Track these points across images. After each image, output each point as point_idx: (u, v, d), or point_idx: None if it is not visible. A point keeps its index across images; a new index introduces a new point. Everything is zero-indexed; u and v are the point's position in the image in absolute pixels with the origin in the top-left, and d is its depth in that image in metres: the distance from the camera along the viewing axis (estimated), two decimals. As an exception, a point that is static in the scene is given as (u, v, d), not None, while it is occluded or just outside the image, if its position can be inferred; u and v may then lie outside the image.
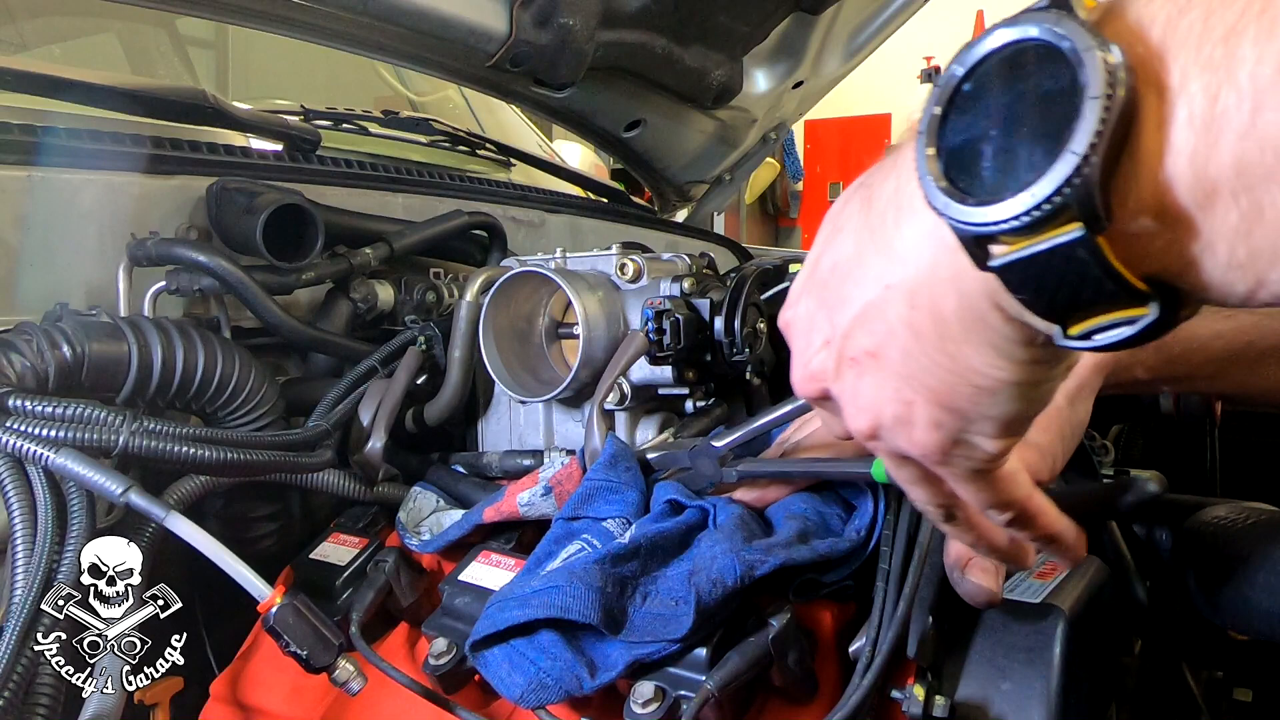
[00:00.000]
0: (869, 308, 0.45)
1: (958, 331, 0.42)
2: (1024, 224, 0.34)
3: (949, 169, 0.37)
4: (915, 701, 0.68)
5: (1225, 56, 0.31)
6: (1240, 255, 0.33)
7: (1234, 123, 0.31)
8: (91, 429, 0.78)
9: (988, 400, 0.44)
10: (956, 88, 0.38)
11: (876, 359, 0.46)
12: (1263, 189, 0.31)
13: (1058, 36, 0.34)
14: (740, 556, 0.71)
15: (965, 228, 0.36)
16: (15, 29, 1.58)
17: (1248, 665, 0.92)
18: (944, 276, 0.41)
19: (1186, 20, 0.32)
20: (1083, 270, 0.35)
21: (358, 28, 1.27)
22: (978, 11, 4.98)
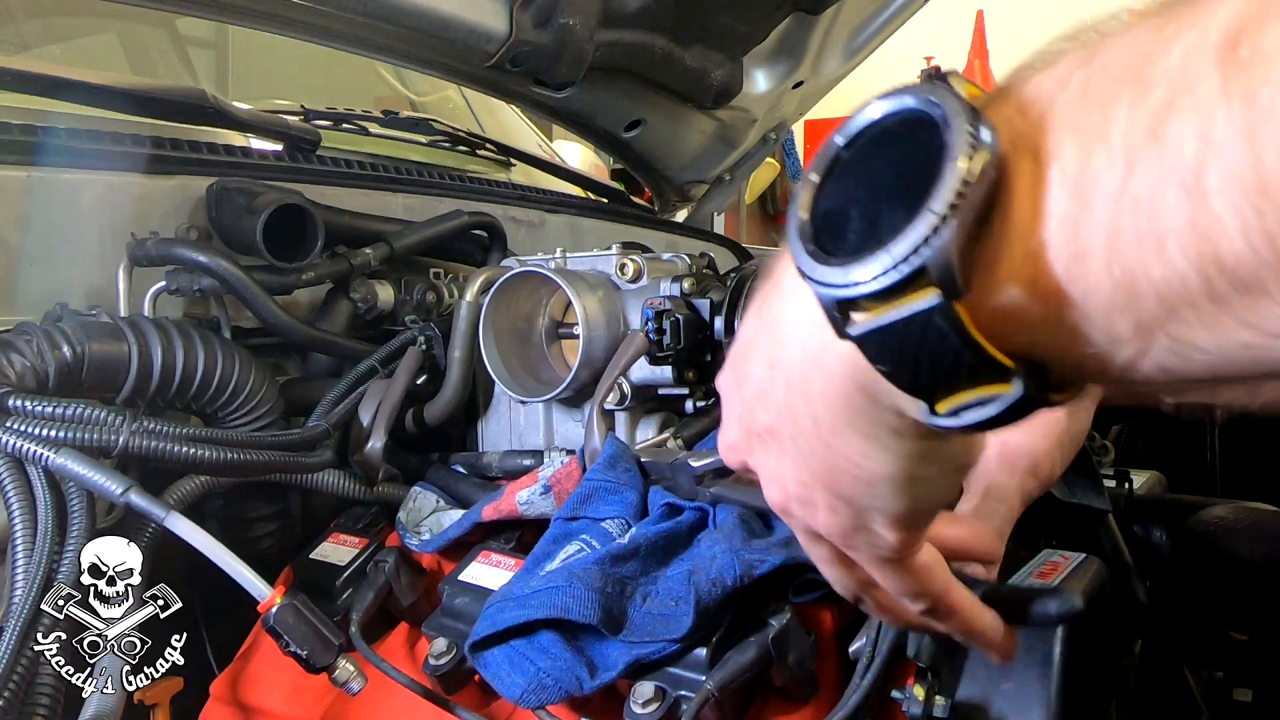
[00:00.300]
0: (762, 386, 0.45)
1: (826, 417, 0.41)
2: (882, 287, 0.33)
3: (819, 233, 0.36)
4: (915, 701, 0.68)
5: (1099, 121, 0.30)
6: (1120, 325, 0.31)
7: (1106, 184, 0.30)
8: (91, 429, 0.78)
9: (870, 492, 0.43)
10: (835, 156, 0.37)
11: (775, 438, 0.46)
12: (1136, 255, 0.30)
13: (930, 105, 0.34)
14: (739, 556, 0.71)
15: (827, 290, 0.35)
16: (15, 29, 1.58)
17: (1248, 665, 0.92)
18: (811, 354, 0.40)
19: (1066, 94, 0.32)
20: (942, 340, 0.33)
21: (358, 28, 1.27)
22: (978, 11, 4.98)
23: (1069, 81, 0.32)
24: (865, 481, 0.43)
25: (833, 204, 0.36)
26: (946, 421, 0.35)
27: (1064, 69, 0.33)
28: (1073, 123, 0.31)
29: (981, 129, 0.32)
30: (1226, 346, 0.30)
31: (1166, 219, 0.29)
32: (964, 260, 0.32)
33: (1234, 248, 0.27)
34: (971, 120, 0.32)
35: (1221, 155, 0.27)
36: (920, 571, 0.51)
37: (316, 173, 1.26)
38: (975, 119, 0.32)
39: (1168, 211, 0.28)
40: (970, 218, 0.32)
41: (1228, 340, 0.30)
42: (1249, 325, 0.29)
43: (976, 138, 0.32)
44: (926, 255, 0.32)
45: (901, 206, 0.33)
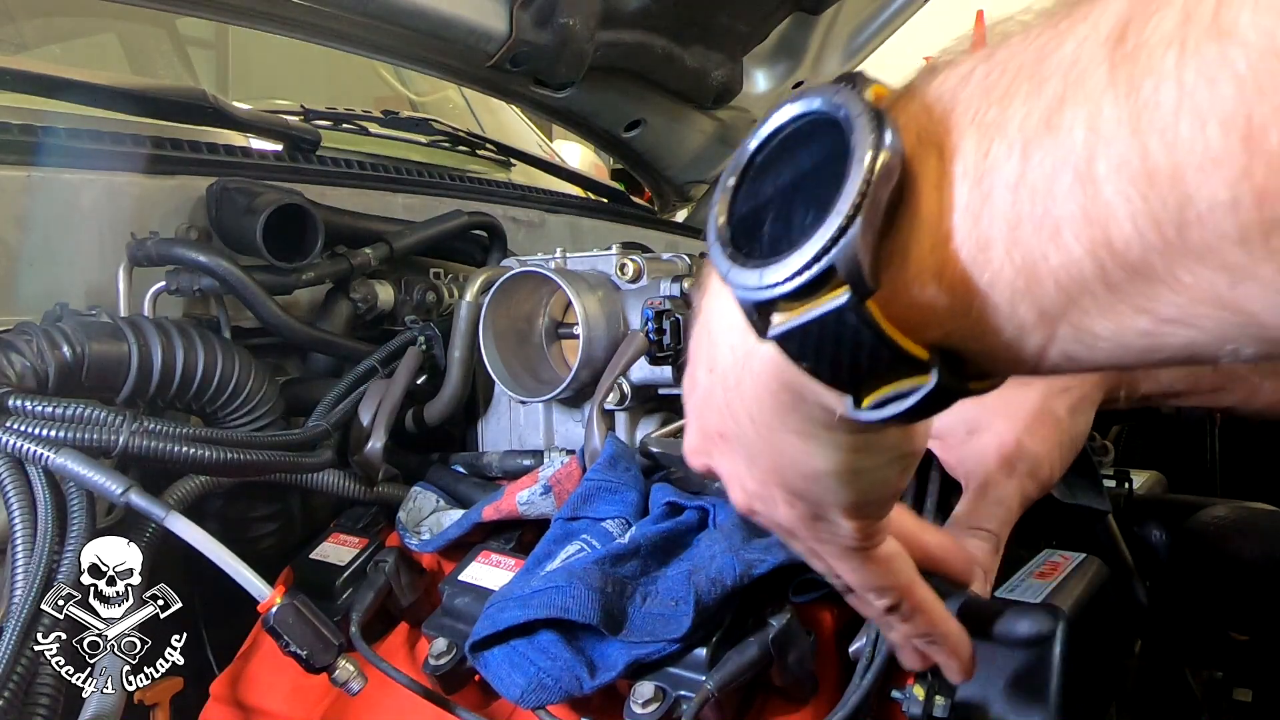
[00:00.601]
0: (706, 391, 0.46)
1: (761, 417, 0.42)
2: (796, 287, 0.34)
3: (735, 236, 0.37)
4: (915, 702, 0.68)
5: (998, 114, 0.31)
6: (1024, 313, 0.32)
7: (1004, 173, 0.31)
8: (91, 429, 0.78)
9: (817, 486, 0.44)
10: (750, 160, 0.37)
11: (725, 440, 0.47)
12: (1035, 241, 0.30)
13: (834, 106, 0.34)
14: (739, 555, 0.71)
15: (745, 293, 0.35)
16: (15, 29, 1.58)
17: (1248, 665, 0.92)
18: (740, 356, 0.41)
19: (967, 90, 0.33)
20: (856, 336, 0.34)
21: (358, 28, 1.27)
22: (978, 11, 4.98)
23: (971, 77, 0.33)
24: (809, 476, 0.43)
25: (748, 207, 0.37)
26: (870, 415, 0.36)
27: (966, 66, 0.34)
28: (973, 116, 0.32)
29: (885, 130, 0.33)
30: (1124, 334, 0.31)
31: (1061, 206, 0.29)
32: (872, 258, 0.33)
33: (1123, 233, 0.28)
34: (874, 121, 0.33)
35: (1109, 144, 0.28)
36: (883, 562, 0.51)
37: (316, 173, 1.26)
38: (878, 120, 0.33)
39: (1062, 199, 0.29)
40: (876, 216, 0.32)
41: (1125, 327, 0.31)
42: (1144, 311, 0.30)
43: (880, 138, 0.32)
44: (835, 255, 0.33)
45: (811, 208, 0.34)
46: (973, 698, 0.71)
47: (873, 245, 0.33)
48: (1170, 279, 0.28)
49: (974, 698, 0.71)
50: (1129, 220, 0.28)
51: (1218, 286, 0.28)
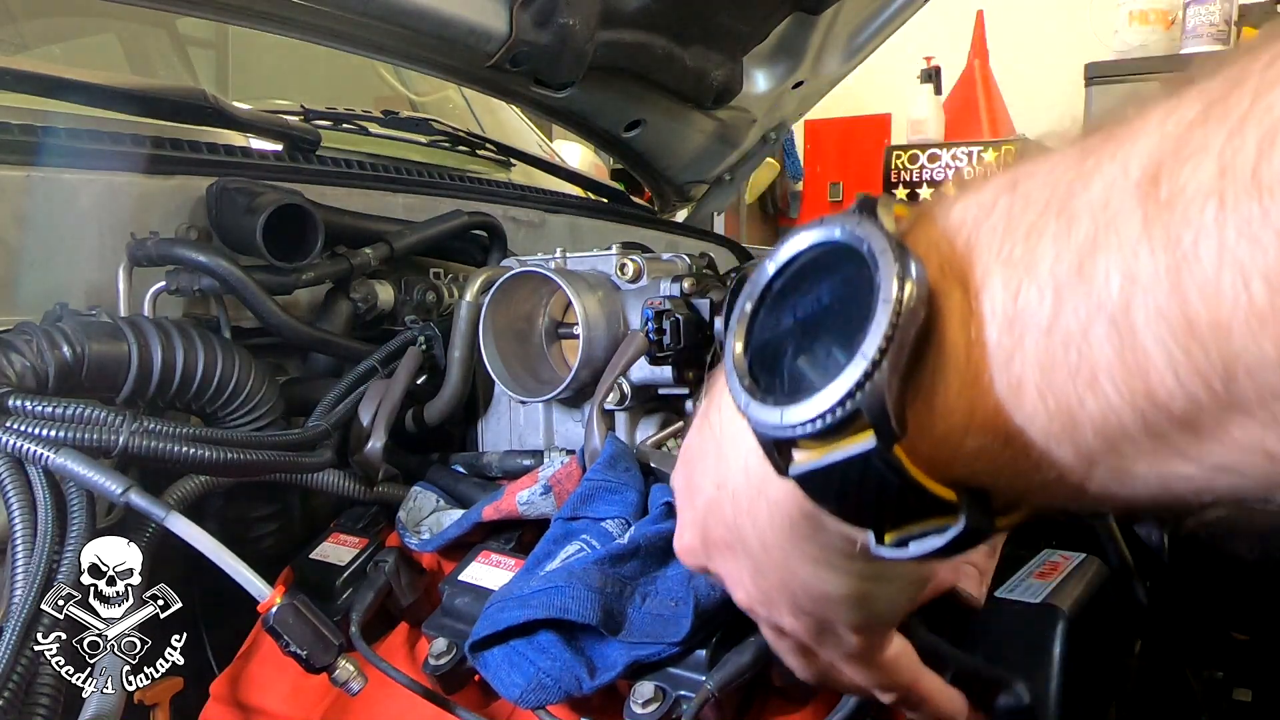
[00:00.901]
0: (711, 503, 0.45)
1: (775, 541, 0.41)
2: (818, 429, 0.33)
3: (754, 366, 0.36)
4: (915, 701, 0.68)
5: (1025, 253, 0.30)
6: (1058, 455, 0.31)
7: (1036, 318, 0.30)
8: (91, 429, 0.78)
9: (827, 607, 0.43)
10: (768, 285, 0.37)
11: (730, 549, 0.46)
12: (1069, 386, 0.30)
13: (857, 239, 0.34)
14: (740, 556, 0.71)
15: (765, 429, 0.35)
16: (15, 29, 1.58)
17: (1248, 665, 0.92)
18: (755, 481, 0.40)
19: (990, 221, 0.32)
20: (881, 481, 0.33)
21: (358, 28, 1.27)
22: (978, 12, 4.98)
23: (994, 208, 0.32)
24: (819, 598, 0.43)
25: (766, 337, 0.36)
26: (893, 553, 0.35)
27: (988, 194, 0.33)
28: (999, 252, 0.31)
29: (910, 263, 0.32)
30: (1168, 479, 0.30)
31: (1098, 354, 0.29)
32: (898, 402, 0.32)
33: (1165, 384, 0.28)
34: (899, 256, 0.32)
35: (1148, 294, 0.27)
36: (888, 665, 0.50)
37: (316, 173, 1.26)
38: (903, 253, 0.32)
39: (1098, 346, 0.29)
40: (902, 358, 0.32)
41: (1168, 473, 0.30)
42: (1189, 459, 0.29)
43: (904, 275, 0.32)
44: (860, 400, 0.32)
45: (834, 345, 0.33)
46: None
47: (899, 389, 0.32)
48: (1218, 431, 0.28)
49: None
50: (1170, 371, 0.27)
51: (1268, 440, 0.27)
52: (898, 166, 4.93)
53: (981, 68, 4.99)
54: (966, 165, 4.75)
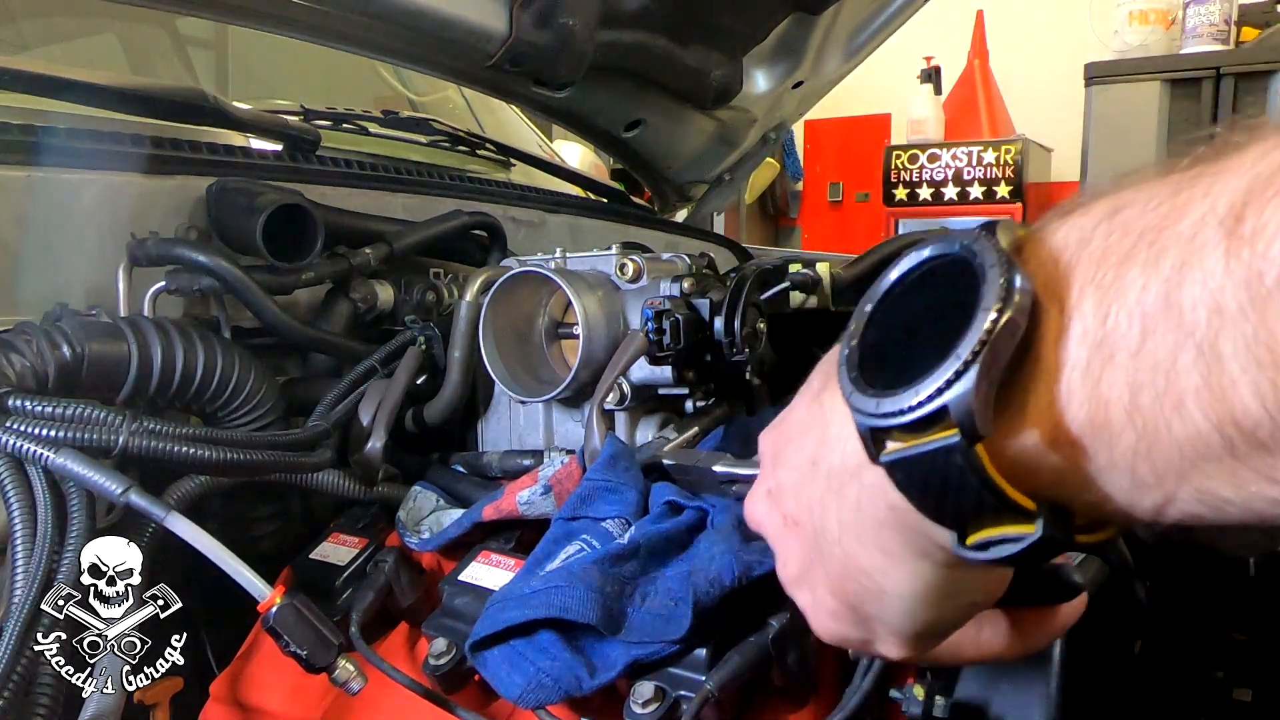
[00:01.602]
0: (799, 478, 0.46)
1: (854, 526, 0.42)
2: (909, 421, 0.35)
3: (863, 361, 0.39)
4: (915, 701, 0.68)
5: (1116, 279, 0.32)
6: (1143, 474, 0.32)
7: (1125, 342, 0.32)
8: (91, 429, 0.78)
9: (878, 606, 0.44)
10: (888, 290, 0.40)
11: (797, 527, 0.47)
12: (1156, 409, 0.31)
13: (971, 253, 0.36)
14: (738, 557, 0.71)
15: (863, 418, 0.37)
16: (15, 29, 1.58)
17: (1248, 665, 0.92)
18: (852, 466, 0.42)
19: (1090, 247, 0.34)
20: (962, 478, 0.35)
21: (358, 28, 1.27)
22: (977, 12, 4.98)
23: (1094, 235, 0.34)
24: (875, 593, 0.43)
25: (879, 336, 0.39)
26: (973, 554, 0.37)
27: (1090, 221, 0.35)
28: (1093, 276, 0.33)
29: (1016, 277, 0.34)
30: (1252, 500, 0.31)
31: (1184, 379, 0.30)
32: (984, 404, 0.34)
33: (1250, 411, 0.29)
34: (1005, 270, 0.34)
35: (1235, 326, 0.29)
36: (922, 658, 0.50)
37: (316, 173, 1.26)
38: (1009, 268, 0.34)
39: (1184, 372, 0.30)
40: (996, 364, 0.34)
41: (1253, 494, 0.31)
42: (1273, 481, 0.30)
43: (1009, 287, 0.34)
44: (949, 397, 0.34)
45: (935, 347, 0.35)
46: (972, 697, 0.71)
47: (987, 392, 0.34)
48: None
49: (974, 698, 0.70)
50: (1255, 399, 0.29)
51: None
52: (898, 166, 4.93)
53: (981, 68, 4.99)
54: (966, 165, 4.75)
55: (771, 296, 1.12)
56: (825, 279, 1.19)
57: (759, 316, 1.01)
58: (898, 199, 4.96)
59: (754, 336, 1.00)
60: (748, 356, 0.98)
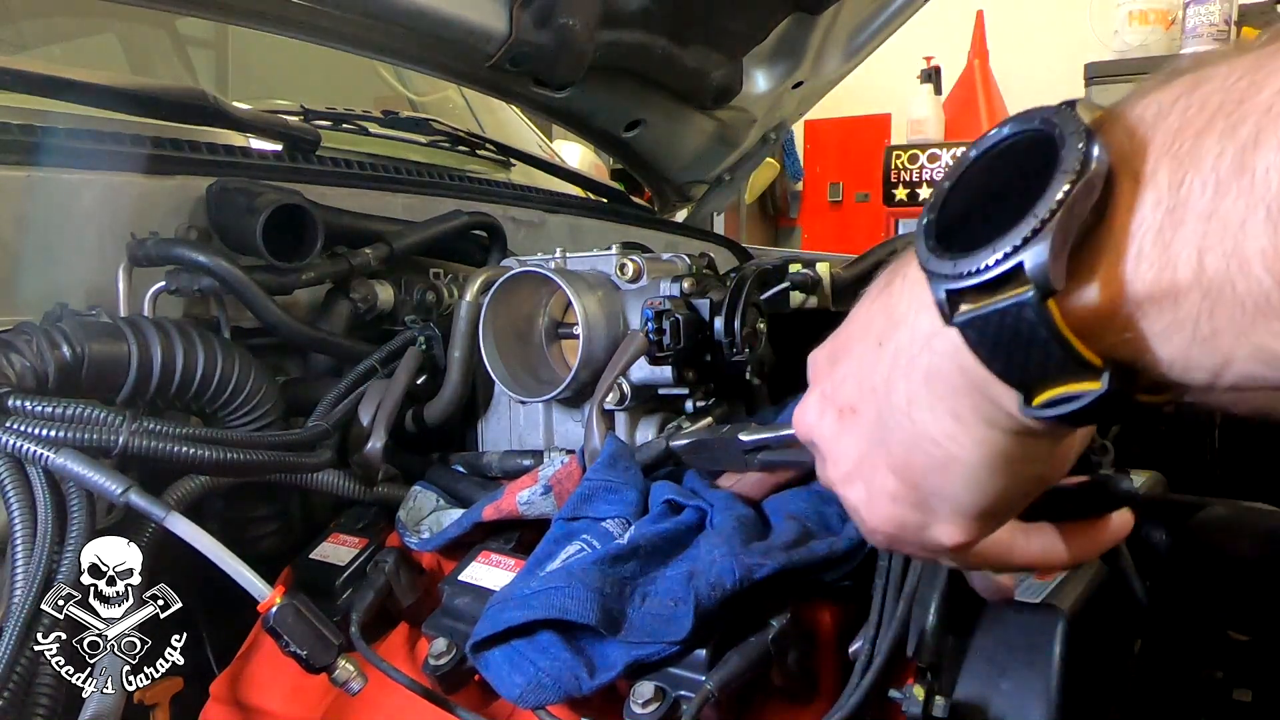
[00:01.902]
0: (862, 362, 0.48)
1: (924, 395, 0.44)
2: (986, 280, 0.37)
3: (941, 232, 0.41)
4: (915, 701, 0.68)
5: (1193, 149, 0.34)
6: (1204, 332, 0.34)
7: (1196, 206, 0.34)
8: (91, 429, 0.78)
9: (943, 478, 0.45)
10: (966, 165, 0.42)
11: (855, 414, 0.48)
12: (1222, 268, 0.33)
13: (1051, 125, 0.38)
14: (739, 559, 0.71)
15: (940, 281, 0.39)
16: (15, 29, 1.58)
17: (1248, 665, 0.92)
18: (923, 337, 0.43)
19: (1168, 121, 0.36)
20: (1033, 333, 0.36)
21: (358, 28, 1.27)
22: (978, 12, 4.98)
23: (1172, 109, 0.36)
24: (942, 465, 0.45)
25: (958, 208, 0.41)
26: (1039, 413, 0.38)
27: (1169, 95, 0.36)
28: (1170, 147, 0.35)
29: (1094, 148, 0.36)
30: None
31: (1251, 241, 0.32)
32: (1058, 261, 0.36)
33: None
34: (1085, 140, 0.36)
35: None
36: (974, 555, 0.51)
37: (316, 173, 1.26)
38: (1088, 137, 0.36)
39: (1253, 235, 0.32)
40: (1071, 224, 0.36)
41: None
42: None
43: (1087, 155, 0.36)
44: (1024, 254, 0.36)
45: (1012, 212, 0.37)
46: (972, 697, 0.71)
47: (1061, 250, 0.36)
48: None
49: (973, 697, 0.71)
50: None
51: None
52: (898, 166, 4.93)
53: (981, 68, 4.99)
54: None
55: (771, 296, 1.12)
56: (825, 279, 1.19)
57: (759, 316, 1.01)
58: (898, 199, 4.96)
59: (754, 336, 1.00)
60: (748, 356, 0.98)
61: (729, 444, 0.83)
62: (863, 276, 1.31)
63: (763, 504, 0.83)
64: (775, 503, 0.83)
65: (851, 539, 0.76)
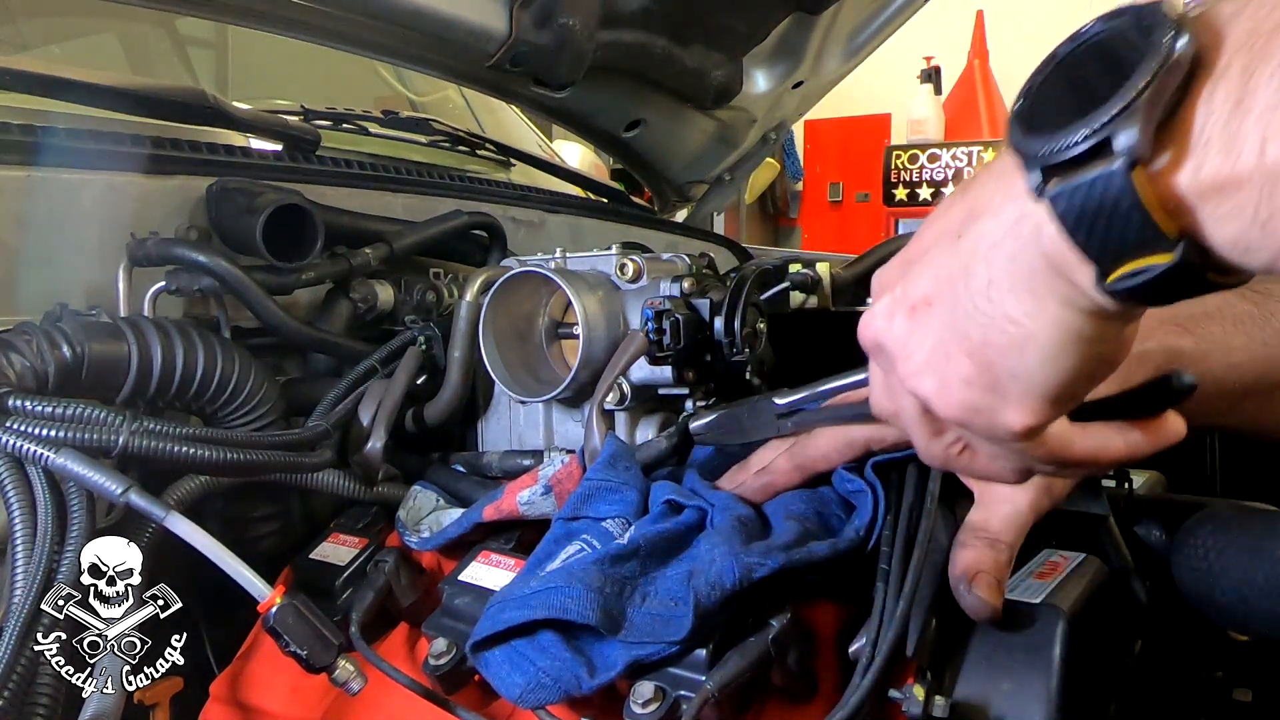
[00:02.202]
0: (939, 257, 0.50)
1: (1004, 276, 0.47)
2: (1075, 153, 0.41)
3: (1033, 114, 0.44)
4: (915, 701, 0.68)
5: (1264, 46, 0.38)
6: (1263, 216, 0.38)
7: (1262, 98, 0.37)
8: (91, 429, 0.78)
9: (1019, 356, 0.48)
10: (1056, 58, 0.45)
11: (930, 305, 0.51)
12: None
13: (1140, 18, 0.41)
14: (739, 559, 0.71)
15: (1032, 159, 0.43)
16: (15, 29, 1.58)
17: (1248, 665, 0.92)
18: (1005, 222, 0.46)
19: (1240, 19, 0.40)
20: (1117, 202, 0.40)
21: (358, 28, 1.28)
22: (977, 12, 4.98)
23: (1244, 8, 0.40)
24: (1019, 344, 0.47)
25: (1048, 94, 0.45)
26: (1115, 286, 0.42)
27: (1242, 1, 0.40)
28: (1243, 44, 0.39)
29: (1181, 37, 0.39)
30: None
31: None
32: (1146, 134, 0.40)
33: None
34: (1173, 29, 0.40)
35: None
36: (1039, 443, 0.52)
37: (316, 173, 1.26)
38: (1177, 29, 0.40)
39: None
40: (1158, 102, 0.39)
41: None
42: None
43: (1174, 43, 0.39)
44: (1114, 127, 0.40)
45: (1102, 94, 0.41)
46: (972, 697, 0.71)
47: (1147, 126, 0.40)
48: None
49: (973, 697, 0.71)
50: None
51: None
52: (898, 166, 4.93)
53: (981, 68, 4.99)
54: (966, 165, 4.75)
55: (771, 296, 1.12)
56: (825, 279, 1.19)
57: (759, 316, 1.01)
58: (898, 199, 4.97)
59: (754, 336, 1.00)
60: (748, 356, 0.98)
61: (760, 410, 0.83)
62: (863, 276, 1.31)
63: (763, 505, 0.83)
64: (775, 504, 0.83)
65: (851, 539, 0.76)
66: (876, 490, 0.78)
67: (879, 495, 0.78)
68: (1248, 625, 0.79)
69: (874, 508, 0.78)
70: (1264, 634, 0.79)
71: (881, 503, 0.77)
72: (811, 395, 0.81)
